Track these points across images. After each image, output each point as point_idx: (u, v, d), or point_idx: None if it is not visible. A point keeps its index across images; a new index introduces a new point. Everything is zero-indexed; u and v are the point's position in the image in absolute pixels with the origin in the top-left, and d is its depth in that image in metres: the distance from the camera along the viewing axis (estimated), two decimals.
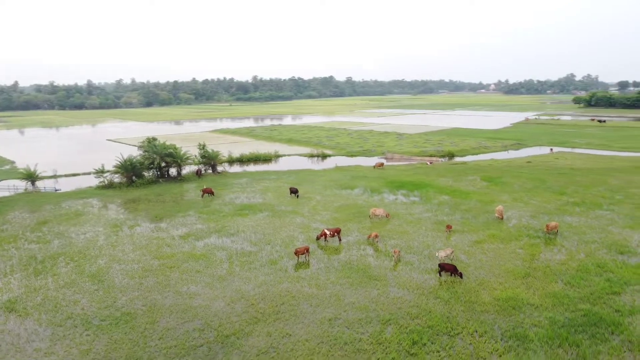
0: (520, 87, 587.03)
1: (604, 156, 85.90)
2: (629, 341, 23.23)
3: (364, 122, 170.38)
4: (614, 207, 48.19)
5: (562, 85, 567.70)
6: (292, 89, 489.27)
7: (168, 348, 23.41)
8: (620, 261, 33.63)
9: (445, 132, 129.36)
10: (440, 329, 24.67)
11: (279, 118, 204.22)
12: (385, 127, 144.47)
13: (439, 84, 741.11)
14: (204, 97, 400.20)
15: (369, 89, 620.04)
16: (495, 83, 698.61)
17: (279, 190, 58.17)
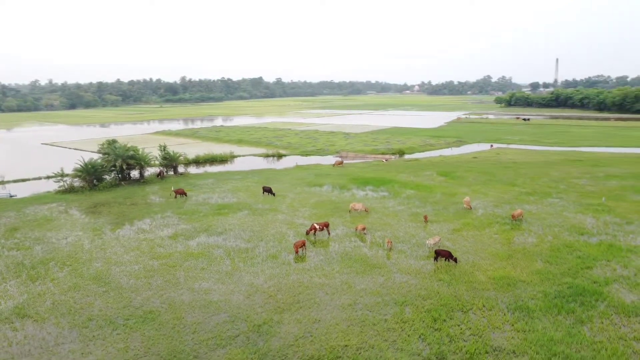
0: (442, 88, 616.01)
1: (538, 151, 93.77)
2: (613, 306, 26.86)
3: (306, 122, 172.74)
4: (562, 196, 53.53)
5: (480, 86, 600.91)
6: (223, 90, 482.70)
7: (206, 340, 24.08)
8: (583, 241, 37.97)
9: (388, 131, 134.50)
10: (453, 306, 27.12)
11: (215, 119, 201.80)
12: (328, 127, 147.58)
13: (366, 85, 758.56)
14: (131, 99, 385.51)
15: (299, 89, 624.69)
16: (419, 84, 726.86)
17: (250, 190, 58.84)
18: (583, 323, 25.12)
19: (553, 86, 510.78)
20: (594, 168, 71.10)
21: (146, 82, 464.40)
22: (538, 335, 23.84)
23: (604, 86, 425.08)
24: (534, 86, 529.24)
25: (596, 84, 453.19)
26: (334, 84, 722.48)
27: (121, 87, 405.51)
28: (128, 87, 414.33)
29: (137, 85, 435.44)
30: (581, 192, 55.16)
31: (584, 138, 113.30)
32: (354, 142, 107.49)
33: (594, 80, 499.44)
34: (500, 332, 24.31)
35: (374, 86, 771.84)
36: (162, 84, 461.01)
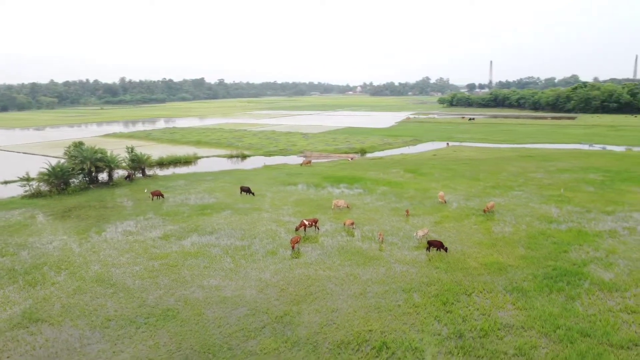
0: (384, 89, 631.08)
1: (490, 148, 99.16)
2: (596, 284, 29.90)
3: (259, 123, 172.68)
4: (524, 189, 57.56)
5: (420, 87, 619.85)
6: (164, 91, 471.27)
7: (234, 333, 24.80)
8: (554, 228, 41.42)
9: (343, 131, 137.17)
10: (456, 291, 29.22)
11: (165, 121, 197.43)
12: (283, 128, 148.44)
13: (309, 86, 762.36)
14: (68, 101, 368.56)
15: (242, 91, 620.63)
16: (361, 85, 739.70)
17: (226, 190, 59.04)
18: (574, 299, 27.89)
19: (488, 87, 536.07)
20: (545, 163, 76.43)
21: (83, 82, 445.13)
22: (538, 312, 26.31)
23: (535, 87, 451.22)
24: (470, 87, 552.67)
25: (527, 85, 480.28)
26: (277, 85, 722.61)
27: (56, 89, 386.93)
28: (64, 88, 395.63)
29: (74, 87, 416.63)
30: (540, 185, 59.48)
31: (528, 135, 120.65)
32: (315, 142, 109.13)
33: (525, 81, 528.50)
34: (505, 311, 26.60)
35: (317, 87, 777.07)
36: (100, 85, 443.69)
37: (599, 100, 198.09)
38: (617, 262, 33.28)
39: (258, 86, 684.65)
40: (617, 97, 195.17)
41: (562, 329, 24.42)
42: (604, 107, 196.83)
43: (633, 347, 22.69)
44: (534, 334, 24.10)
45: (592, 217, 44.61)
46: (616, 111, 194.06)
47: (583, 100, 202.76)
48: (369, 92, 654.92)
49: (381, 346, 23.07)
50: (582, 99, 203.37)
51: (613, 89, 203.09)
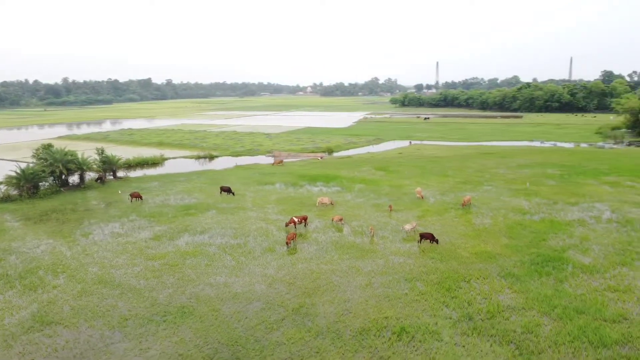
0: (335, 89, 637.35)
1: (450, 146, 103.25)
2: (578, 267, 32.59)
3: (218, 123, 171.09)
4: (492, 184, 60.84)
5: (370, 88, 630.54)
6: (110, 92, 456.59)
7: (256, 325, 25.50)
8: (528, 219, 44.36)
9: (304, 130, 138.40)
10: (455, 278, 31.09)
11: (111, 122, 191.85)
12: (243, 128, 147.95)
13: (259, 87, 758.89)
14: (7, 102, 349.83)
15: (191, 91, 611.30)
16: (311, 86, 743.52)
17: (204, 190, 58.94)
18: (562, 282, 30.38)
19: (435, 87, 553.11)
20: (505, 159, 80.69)
21: (22, 83, 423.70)
22: (534, 294, 28.54)
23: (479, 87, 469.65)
24: (418, 87, 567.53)
25: (472, 86, 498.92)
26: (226, 85, 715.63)
27: None
28: (2, 89, 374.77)
29: (12, 87, 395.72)
30: (505, 180, 63.00)
31: (482, 134, 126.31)
32: (281, 142, 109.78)
33: (470, 82, 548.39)
34: (504, 295, 28.67)
35: (267, 87, 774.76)
36: (41, 85, 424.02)
37: (542, 100, 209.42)
38: (592, 248, 36.27)
39: (207, 86, 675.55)
40: (558, 97, 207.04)
41: (558, 308, 26.68)
42: (547, 106, 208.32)
43: (623, 321, 25.18)
44: (535, 313, 26.23)
45: (560, 208, 47.97)
46: (558, 110, 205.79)
47: (528, 100, 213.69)
48: (320, 92, 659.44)
49: (400, 331, 24.47)
50: (526, 98, 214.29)
51: (555, 89, 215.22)
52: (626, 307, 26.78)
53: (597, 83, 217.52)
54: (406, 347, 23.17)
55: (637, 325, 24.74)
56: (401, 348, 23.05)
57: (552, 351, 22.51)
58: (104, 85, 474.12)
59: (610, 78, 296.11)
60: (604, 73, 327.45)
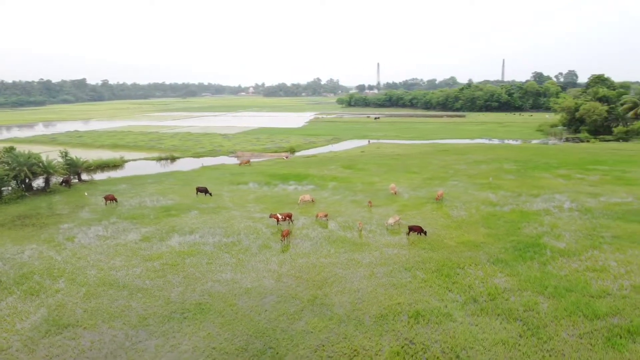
0: (278, 90, 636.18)
1: (407, 144, 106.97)
2: (555, 251, 35.67)
3: (168, 125, 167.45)
4: (456, 179, 64.20)
5: (313, 88, 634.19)
6: (43, 93, 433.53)
7: (277, 317, 26.38)
8: (499, 210, 47.57)
9: (259, 131, 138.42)
10: (451, 266, 33.24)
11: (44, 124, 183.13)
12: (196, 129, 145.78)
13: (199, 87, 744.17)
14: None
15: (129, 92, 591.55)
16: (253, 86, 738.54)
17: (178, 192, 58.48)
18: (545, 265, 33.25)
19: (377, 88, 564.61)
20: (462, 156, 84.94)
21: None
22: (524, 276, 31.14)
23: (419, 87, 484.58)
24: (360, 88, 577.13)
25: (412, 86, 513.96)
26: (166, 85, 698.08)
27: None
28: None
29: None
30: (468, 175, 66.64)
31: (433, 132, 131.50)
32: (241, 143, 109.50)
33: (410, 82, 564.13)
34: (498, 278, 31.10)
35: (208, 88, 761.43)
36: None
37: (482, 100, 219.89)
38: (563, 234, 39.66)
39: (145, 87, 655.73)
40: (497, 97, 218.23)
41: (549, 288, 29.35)
42: (487, 106, 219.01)
43: (607, 296, 28.16)
44: (530, 293, 28.75)
45: (525, 200, 51.66)
46: (497, 109, 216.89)
47: (469, 100, 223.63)
48: (263, 93, 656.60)
49: (416, 315, 26.19)
50: (468, 99, 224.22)
51: (494, 89, 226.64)
52: (606, 285, 29.85)
53: (532, 84, 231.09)
54: (425, 328, 24.89)
55: (620, 299, 27.75)
56: (422, 329, 24.75)
57: (555, 325, 24.95)
58: (35, 86, 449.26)
59: (541, 79, 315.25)
60: (535, 74, 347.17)
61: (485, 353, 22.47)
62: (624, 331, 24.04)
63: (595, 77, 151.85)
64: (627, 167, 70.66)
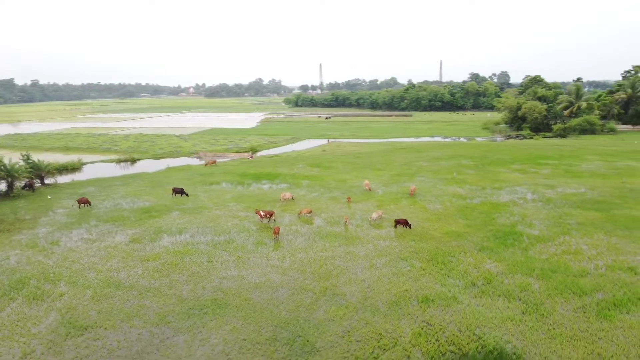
0: (220, 90, 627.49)
1: (365, 143, 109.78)
2: (532, 238, 38.78)
3: (115, 126, 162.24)
4: (422, 175, 67.22)
5: (256, 89, 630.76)
6: None
7: (296, 308, 27.38)
8: (471, 203, 50.66)
9: (214, 131, 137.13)
10: (442, 254, 35.44)
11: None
12: (147, 130, 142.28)
13: (137, 88, 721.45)
14: None
15: (62, 92, 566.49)
16: (193, 86, 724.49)
17: (152, 193, 57.71)
18: (527, 250, 36.20)
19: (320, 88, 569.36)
20: (421, 153, 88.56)
21: None
22: (511, 261, 33.82)
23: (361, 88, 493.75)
24: (303, 88, 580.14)
25: (355, 86, 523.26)
26: (101, 86, 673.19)
27: None
28: None
29: None
30: (432, 171, 69.90)
31: (386, 131, 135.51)
32: (200, 143, 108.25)
33: (353, 82, 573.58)
34: (489, 264, 33.60)
35: (146, 88, 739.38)
36: None
37: (427, 100, 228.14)
38: (534, 223, 43.03)
39: (79, 88, 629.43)
40: (440, 97, 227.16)
41: (536, 270, 32.14)
42: (431, 105, 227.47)
43: (587, 275, 31.25)
44: (521, 276, 31.38)
45: (491, 193, 55.18)
46: (441, 109, 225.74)
47: (414, 100, 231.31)
48: (204, 93, 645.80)
49: (425, 299, 28.06)
50: (413, 98, 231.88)
51: (437, 90, 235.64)
52: (584, 265, 33.04)
53: (472, 84, 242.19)
54: (437, 311, 26.79)
55: (599, 277, 30.91)
56: (435, 312, 26.63)
57: (550, 302, 27.59)
58: None
59: (477, 79, 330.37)
60: (472, 75, 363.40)
61: (497, 329, 24.62)
62: (610, 304, 26.99)
63: (532, 78, 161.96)
64: (572, 161, 76.59)
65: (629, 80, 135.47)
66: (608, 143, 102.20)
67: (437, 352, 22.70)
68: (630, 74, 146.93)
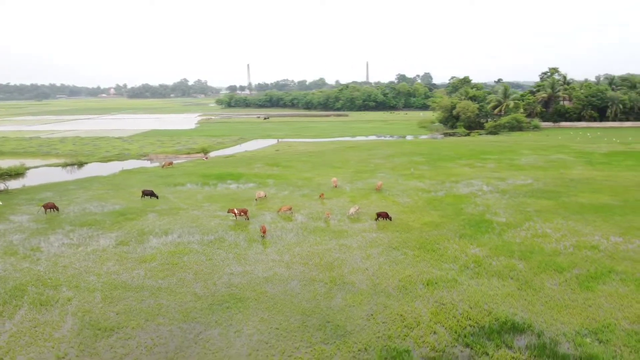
0: (144, 91, 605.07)
1: (314, 142, 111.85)
2: (501, 225, 42.54)
3: (42, 129, 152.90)
4: (382, 172, 70.30)
5: (182, 90, 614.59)
6: None
7: (313, 298, 28.76)
8: (437, 195, 54.17)
9: (155, 133, 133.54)
10: (429, 243, 38.08)
11: None
12: (82, 133, 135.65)
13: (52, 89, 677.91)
14: None
15: None
16: (114, 87, 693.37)
17: (118, 196, 56.24)
18: (501, 235, 39.76)
19: (249, 89, 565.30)
20: (371, 151, 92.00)
21: None
22: (492, 245, 37.07)
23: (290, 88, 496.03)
24: (231, 89, 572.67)
25: (284, 87, 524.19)
26: (11, 87, 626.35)
27: None
28: None
29: None
30: (389, 168, 73.26)
31: (329, 130, 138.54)
32: (146, 145, 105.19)
33: (282, 83, 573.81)
34: (473, 249, 36.68)
35: (62, 89, 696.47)
36: None
37: (361, 100, 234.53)
38: (498, 211, 46.99)
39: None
40: (374, 97, 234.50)
41: (516, 252, 35.61)
42: (365, 105, 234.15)
43: (560, 254, 35.08)
44: (504, 258, 34.68)
45: (450, 186, 59.15)
46: (374, 109, 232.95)
47: (349, 100, 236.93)
48: (126, 94, 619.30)
49: (429, 283, 30.48)
50: (348, 99, 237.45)
51: (370, 90, 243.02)
52: (554, 246, 37.01)
53: (403, 85, 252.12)
54: (444, 292, 29.26)
55: (570, 255, 34.87)
56: (442, 293, 29.07)
57: (538, 278, 30.94)
58: None
59: (404, 80, 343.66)
60: (399, 76, 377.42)
61: (502, 304, 27.47)
62: (589, 278, 30.77)
63: (461, 79, 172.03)
64: (511, 156, 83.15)
65: (548, 81, 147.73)
66: (535, 139, 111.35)
67: (458, 326, 25.07)
68: (547, 76, 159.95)
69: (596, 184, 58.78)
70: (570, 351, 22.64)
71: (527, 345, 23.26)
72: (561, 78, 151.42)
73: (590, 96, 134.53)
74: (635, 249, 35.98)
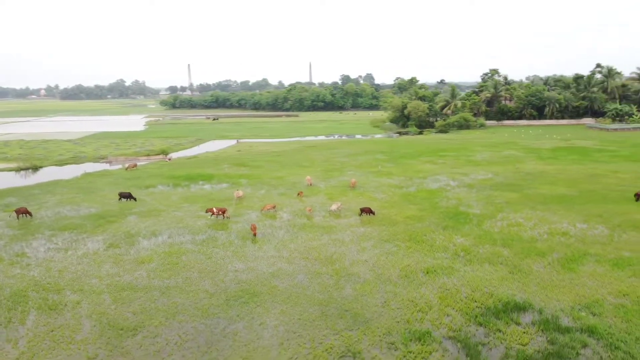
0: (78, 92, 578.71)
1: (274, 142, 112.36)
2: (478, 216, 45.34)
3: None
4: (350, 170, 72.15)
5: (120, 90, 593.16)
6: None
7: (325, 289, 29.83)
8: (408, 191, 56.67)
9: (105, 135, 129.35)
10: (417, 235, 40.10)
11: None
12: (25, 136, 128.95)
13: None
14: None
15: None
16: (45, 88, 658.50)
17: (90, 200, 54.67)
18: (480, 226, 42.45)
19: (190, 89, 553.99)
20: (333, 150, 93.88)
21: None
22: (474, 235, 39.67)
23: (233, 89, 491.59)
24: (172, 89, 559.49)
25: (227, 88, 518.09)
26: None
27: None
28: None
29: None
30: (355, 166, 75.31)
31: (284, 131, 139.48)
32: (100, 148, 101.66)
33: (224, 84, 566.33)
34: (459, 239, 39.08)
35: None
36: None
37: (309, 100, 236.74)
38: (471, 204, 49.95)
39: None
40: (322, 98, 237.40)
41: (498, 241, 38.30)
42: (314, 105, 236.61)
43: (537, 241, 38.11)
44: (489, 246, 37.28)
45: (419, 182, 61.88)
46: (323, 109, 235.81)
47: (297, 101, 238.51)
48: (59, 95, 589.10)
49: (428, 271, 32.42)
50: (296, 99, 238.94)
51: (319, 91, 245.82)
52: (530, 234, 40.11)
53: (350, 86, 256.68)
54: (444, 278, 31.28)
55: (546, 241, 38.02)
56: (443, 279, 31.09)
57: (525, 263, 33.65)
58: None
59: (348, 81, 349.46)
60: (343, 77, 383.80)
61: (500, 287, 29.83)
62: (568, 260, 33.81)
63: (408, 80, 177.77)
64: (467, 153, 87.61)
65: (490, 81, 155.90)
66: (483, 136, 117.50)
67: (467, 308, 27.11)
68: (487, 76, 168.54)
69: (550, 177, 63.43)
70: (571, 324, 25.17)
71: (532, 321, 25.60)
72: (502, 79, 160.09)
73: (530, 96, 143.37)
74: (600, 234, 39.66)
